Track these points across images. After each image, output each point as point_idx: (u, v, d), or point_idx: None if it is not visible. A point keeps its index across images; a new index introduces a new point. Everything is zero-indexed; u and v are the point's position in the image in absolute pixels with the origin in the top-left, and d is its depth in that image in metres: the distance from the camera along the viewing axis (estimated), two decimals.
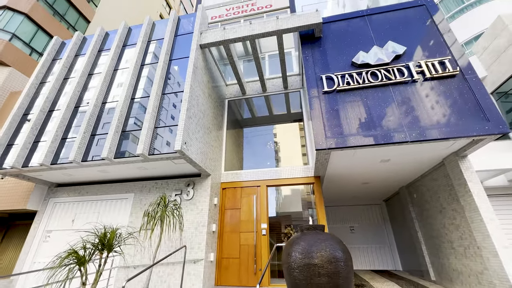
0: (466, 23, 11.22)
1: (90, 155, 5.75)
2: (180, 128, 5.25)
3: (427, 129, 4.76)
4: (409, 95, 5.19)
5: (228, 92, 9.10)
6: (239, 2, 13.50)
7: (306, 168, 7.08)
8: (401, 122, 4.93)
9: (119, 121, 5.80)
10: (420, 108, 5.00)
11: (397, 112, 5.06)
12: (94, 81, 6.95)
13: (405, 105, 5.09)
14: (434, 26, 5.88)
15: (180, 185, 6.60)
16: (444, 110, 4.87)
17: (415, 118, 4.92)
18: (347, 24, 6.56)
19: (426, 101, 5.06)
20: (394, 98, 5.22)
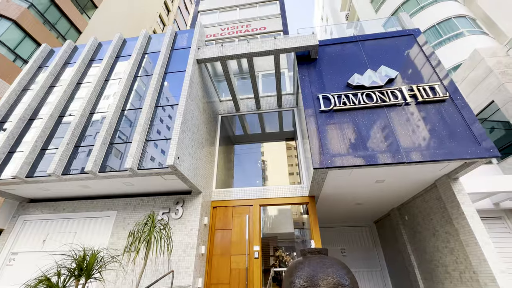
0: (445, 54, 12.11)
1: (71, 168, 5.31)
2: (174, 142, 5.01)
3: (423, 151, 4.82)
4: (403, 117, 5.32)
5: (221, 108, 9.02)
6: (234, 23, 13.93)
7: (300, 188, 6.93)
8: (397, 143, 4.99)
9: (108, 132, 5.47)
10: (415, 130, 5.10)
11: (393, 133, 5.13)
12: (82, 91, 6.64)
13: (400, 127, 5.19)
14: (422, 54, 6.23)
15: (168, 203, 6.19)
16: (438, 133, 5.00)
17: (410, 140, 5.00)
18: (342, 47, 6.82)
19: (419, 123, 5.19)
20: (389, 120, 5.32)
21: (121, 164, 5.21)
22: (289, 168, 8.77)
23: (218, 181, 7.57)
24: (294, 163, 8.91)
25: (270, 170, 9.15)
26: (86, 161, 5.25)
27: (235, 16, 14.46)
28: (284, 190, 6.95)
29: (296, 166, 8.88)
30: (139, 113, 5.85)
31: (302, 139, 7.39)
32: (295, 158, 9.03)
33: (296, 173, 8.79)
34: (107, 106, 6.09)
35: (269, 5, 14.55)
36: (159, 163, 5.10)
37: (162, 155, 5.23)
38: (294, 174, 8.78)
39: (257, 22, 13.54)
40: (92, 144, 5.44)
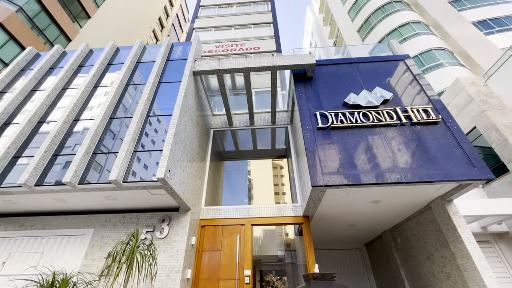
0: (429, 81, 12.86)
1: (47, 178, 4.77)
2: (165, 153, 4.69)
3: (420, 172, 4.80)
4: (400, 137, 5.36)
5: (214, 122, 8.81)
6: (229, 41, 14.21)
7: (294, 207, 6.67)
8: (395, 163, 4.96)
9: (92, 141, 5.05)
10: (411, 151, 5.12)
11: (391, 152, 5.11)
12: (68, 97, 6.23)
13: (397, 147, 5.20)
14: (413, 78, 6.48)
15: (153, 220, 5.69)
16: (434, 154, 5.03)
17: (407, 160, 4.98)
18: (337, 68, 6.98)
19: (415, 144, 5.23)
20: (386, 139, 5.33)
21: (101, 176, 4.76)
22: (276, 188, 8.53)
23: (208, 198, 7.15)
24: (280, 182, 8.70)
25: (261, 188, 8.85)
26: (65, 172, 4.75)
27: (230, 35, 14.80)
28: (277, 209, 6.65)
29: (283, 186, 8.68)
30: (128, 122, 5.51)
31: (297, 157, 7.26)
32: (281, 178, 8.86)
33: (283, 192, 8.56)
34: (94, 114, 5.70)
35: (263, 27, 15.07)
36: (148, 176, 4.71)
37: (151, 167, 4.86)
38: (280, 194, 8.54)
39: (252, 42, 13.89)
40: (73, 153, 4.97)
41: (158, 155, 4.93)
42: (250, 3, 16.93)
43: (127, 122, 5.52)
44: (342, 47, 12.44)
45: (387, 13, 16.83)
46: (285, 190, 8.69)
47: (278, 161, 9.55)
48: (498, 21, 14.67)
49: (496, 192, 8.35)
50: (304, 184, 5.73)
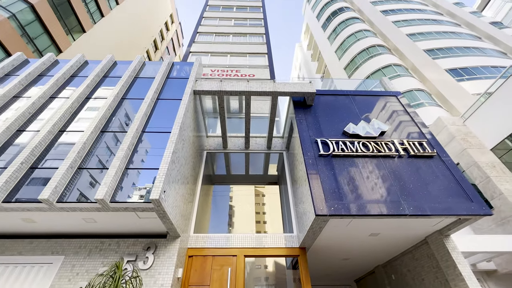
0: None
1: (18, 194, 4.16)
2: (162, 172, 4.32)
3: (422, 204, 4.77)
4: (399, 169, 5.40)
5: (208, 144, 8.54)
6: (224, 67, 14.54)
7: (289, 238, 6.30)
8: (397, 194, 4.91)
9: (79, 154, 4.58)
10: (412, 183, 5.14)
11: (392, 184, 5.09)
12: (55, 106, 5.78)
13: (398, 178, 5.21)
14: (406, 113, 6.80)
15: (136, 248, 5.05)
16: (433, 188, 5.08)
17: (409, 192, 4.97)
18: (335, 99, 7.21)
19: (415, 176, 5.28)
20: (386, 170, 5.35)
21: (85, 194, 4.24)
22: (258, 216, 8.11)
23: (197, 225, 6.61)
24: (261, 211, 8.33)
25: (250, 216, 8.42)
26: (42, 187, 4.18)
27: (225, 61, 15.20)
28: (272, 239, 6.24)
29: (264, 214, 8.33)
30: (121, 137, 5.13)
31: (293, 184, 7.07)
32: (263, 206, 8.53)
33: (264, 221, 8.17)
34: (84, 126, 5.27)
35: (258, 57, 15.71)
36: (140, 196, 4.26)
37: (143, 187, 4.43)
38: (261, 222, 8.13)
39: (247, 69, 14.30)
40: (55, 167, 4.44)
41: (151, 174, 4.54)
42: (246, 34, 17.81)
43: (120, 137, 5.14)
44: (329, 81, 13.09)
45: (371, 55, 18.37)
46: (266, 219, 8.32)
47: (261, 188, 9.26)
48: (466, 70, 16.45)
49: (482, 229, 8.53)
50: (304, 213, 5.47)
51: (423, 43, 19.15)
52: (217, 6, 21.36)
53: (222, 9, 20.99)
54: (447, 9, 25.74)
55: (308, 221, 5.11)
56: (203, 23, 18.82)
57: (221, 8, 21.13)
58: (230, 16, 19.81)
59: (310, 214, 4.90)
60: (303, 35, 36.25)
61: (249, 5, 21.87)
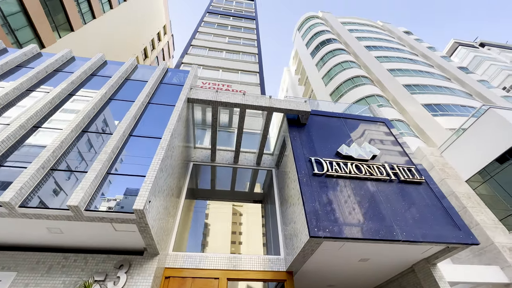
0: None
1: None
2: (149, 180, 3.93)
3: (414, 230, 4.73)
4: (391, 193, 5.41)
5: (194, 155, 8.16)
6: (216, 80, 14.52)
7: (275, 260, 5.94)
8: (391, 219, 4.86)
9: (54, 154, 4.07)
10: (403, 208, 5.14)
11: (385, 208, 5.05)
12: (32, 99, 5.24)
13: (390, 203, 5.19)
14: (395, 140, 7.02)
15: (106, 266, 4.43)
16: (423, 215, 5.10)
17: (402, 217, 4.94)
18: (328, 120, 7.30)
19: (406, 202, 5.30)
20: (379, 194, 5.33)
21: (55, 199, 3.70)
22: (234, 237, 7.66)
23: (176, 242, 6.05)
24: (238, 231, 7.92)
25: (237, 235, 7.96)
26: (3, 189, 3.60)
27: (217, 76, 15.23)
28: (257, 261, 5.84)
29: (240, 234, 7.93)
30: (106, 139, 4.69)
31: (282, 204, 6.83)
32: (239, 225, 8.14)
33: (239, 242, 7.73)
34: (64, 124, 4.78)
35: (249, 75, 15.95)
36: (119, 205, 3.80)
37: (122, 195, 3.98)
38: (236, 243, 7.70)
39: (238, 85, 14.38)
40: (24, 166, 3.88)
41: (136, 182, 4.11)
42: (239, 52, 18.17)
43: (104, 139, 4.70)
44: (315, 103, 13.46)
45: (356, 84, 19.43)
46: (244, 240, 7.90)
47: (238, 207, 8.91)
48: (440, 107, 17.84)
49: (460, 258, 8.71)
50: (295, 234, 5.21)
51: (402, 79, 20.70)
52: (212, 23, 21.84)
53: (217, 27, 21.47)
54: (421, 51, 28.43)
55: (299, 242, 4.84)
56: (197, 37, 19.01)
57: (216, 25, 21.61)
58: (225, 34, 20.26)
59: (303, 235, 4.66)
60: (292, 60, 37.91)
61: (244, 26, 22.61)
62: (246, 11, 26.94)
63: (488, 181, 9.34)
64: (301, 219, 4.90)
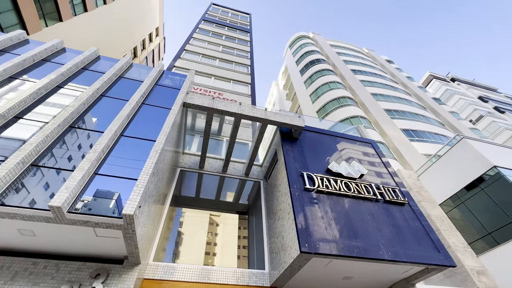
0: None
1: None
2: (141, 184, 3.73)
3: (398, 250, 4.88)
4: (377, 212, 5.58)
5: (182, 161, 7.93)
6: (207, 87, 14.46)
7: (259, 275, 5.81)
8: (377, 238, 4.98)
9: (36, 148, 3.76)
10: (389, 228, 5.30)
11: (372, 227, 5.18)
12: (14, 88, 4.87)
13: (377, 222, 5.34)
14: (381, 161, 7.33)
15: (80, 275, 4.07)
16: (407, 235, 5.29)
17: (387, 237, 5.08)
18: (319, 136, 7.49)
19: (391, 221, 5.48)
20: (366, 212, 5.47)
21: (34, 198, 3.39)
22: (208, 248, 7.38)
23: (157, 252, 5.73)
24: (213, 241, 7.64)
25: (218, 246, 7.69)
26: None
27: (209, 83, 15.18)
28: (242, 275, 5.67)
29: (215, 245, 7.72)
30: (95, 137, 4.43)
31: (268, 216, 6.78)
32: (215, 236, 7.89)
33: (213, 253, 7.49)
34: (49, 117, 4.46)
35: (241, 85, 16.09)
36: (104, 209, 3.55)
37: (109, 198, 3.74)
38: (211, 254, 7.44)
39: (229, 94, 14.41)
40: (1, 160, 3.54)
41: (126, 184, 3.89)
42: (232, 62, 18.36)
43: (93, 137, 4.44)
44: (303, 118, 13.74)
45: (342, 104, 20.28)
46: (227, 252, 7.67)
47: (215, 217, 8.72)
48: (416, 133, 19.04)
49: (432, 279, 9.06)
50: (283, 249, 5.15)
51: (383, 103, 21.96)
52: (207, 31, 22.00)
53: (212, 35, 21.64)
54: (401, 80, 30.52)
55: (288, 257, 4.79)
56: (191, 42, 18.99)
57: (211, 34, 21.79)
58: (219, 43, 20.44)
59: (293, 250, 4.62)
60: (281, 75, 38.92)
61: (238, 37, 23.00)
62: (241, 23, 27.52)
63: (458, 206, 9.97)
64: (290, 234, 4.88)
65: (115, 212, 3.51)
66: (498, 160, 9.42)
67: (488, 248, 8.61)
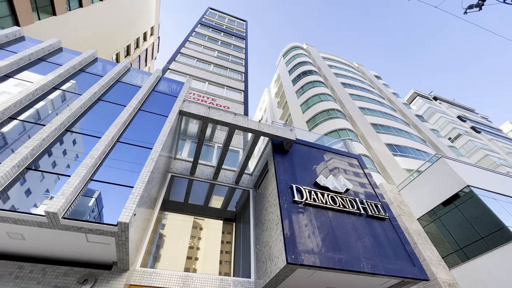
0: None
1: None
2: (137, 192, 3.82)
3: (378, 263, 5.19)
4: (360, 226, 5.89)
5: (173, 166, 7.98)
6: (201, 92, 14.56)
7: (246, 283, 5.95)
8: (358, 251, 5.27)
9: (32, 152, 3.77)
10: (370, 242, 5.61)
11: (355, 240, 5.47)
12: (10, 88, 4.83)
13: (359, 236, 5.65)
14: (365, 176, 7.72)
15: (67, 280, 4.06)
16: (386, 249, 5.62)
17: (368, 251, 5.38)
18: (308, 150, 7.79)
19: (372, 236, 5.80)
20: (349, 226, 5.77)
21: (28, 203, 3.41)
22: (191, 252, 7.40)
23: (144, 257, 5.74)
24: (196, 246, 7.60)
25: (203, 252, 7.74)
26: None
27: (203, 87, 15.28)
28: (227, 282, 5.78)
29: (198, 250, 7.76)
30: (91, 142, 4.47)
31: (256, 226, 6.94)
32: (198, 240, 7.92)
33: (195, 258, 7.53)
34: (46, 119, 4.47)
35: (235, 92, 16.30)
36: (99, 215, 3.61)
37: (101, 205, 3.80)
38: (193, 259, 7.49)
39: (223, 101, 14.58)
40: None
41: (120, 191, 3.96)
42: (227, 68, 18.57)
43: (89, 141, 4.48)
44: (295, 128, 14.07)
45: (331, 116, 20.92)
46: (199, 255, 7.71)
47: (199, 220, 8.79)
48: (399, 148, 19.94)
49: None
50: (270, 258, 5.33)
51: (370, 117, 22.85)
52: (203, 35, 22.15)
53: (208, 39, 21.81)
54: (387, 96, 31.88)
55: (274, 267, 4.97)
56: (187, 45, 19.06)
57: (207, 38, 21.95)
58: (214, 48, 20.63)
59: (279, 261, 4.81)
60: (273, 83, 39.53)
61: (234, 44, 23.29)
62: (238, 29, 27.89)
63: (435, 221, 10.56)
64: (278, 245, 5.07)
65: (109, 219, 3.57)
66: (472, 180, 10.12)
67: (460, 262, 9.17)
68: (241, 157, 8.11)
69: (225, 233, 8.60)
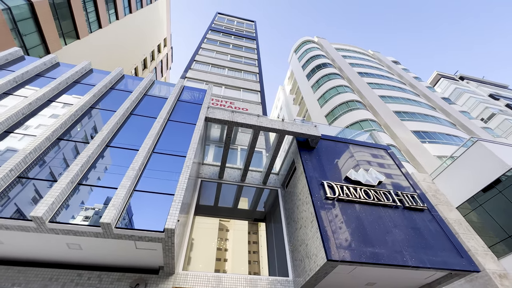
0: None
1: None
2: (178, 199, 4.01)
3: (421, 256, 4.99)
4: (397, 219, 5.71)
5: (202, 172, 8.22)
6: (218, 97, 14.83)
7: (285, 282, 5.97)
8: (400, 244, 5.11)
9: (81, 168, 4.09)
10: (410, 234, 5.42)
11: (393, 233, 5.31)
12: (53, 111, 5.26)
13: (397, 228, 5.47)
14: (397, 167, 7.44)
15: (121, 284, 4.35)
16: (428, 241, 5.39)
17: (409, 243, 5.20)
18: (335, 144, 7.67)
19: (412, 228, 5.59)
20: (387, 219, 5.61)
21: (79, 214, 3.69)
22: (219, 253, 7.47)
23: (185, 261, 5.97)
24: (224, 247, 7.69)
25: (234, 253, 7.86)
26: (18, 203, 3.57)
27: (220, 92, 15.56)
28: (267, 282, 5.85)
29: (226, 251, 7.81)
30: (128, 154, 4.74)
31: (289, 224, 6.95)
32: (225, 241, 7.97)
33: (224, 259, 7.58)
34: (88, 137, 4.81)
35: (251, 93, 16.41)
36: (143, 223, 3.83)
37: (146, 213, 4.01)
38: (222, 260, 7.55)
39: (240, 103, 14.74)
40: (51, 180, 3.87)
41: (161, 200, 4.17)
42: (241, 71, 18.75)
43: (128, 154, 4.75)
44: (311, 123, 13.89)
45: (350, 108, 20.37)
46: (227, 257, 7.77)
47: (225, 222, 8.87)
48: (427, 134, 18.94)
49: (452, 284, 9.01)
50: (308, 256, 5.33)
51: (392, 105, 21.93)
52: (215, 40, 22.53)
53: (220, 44, 22.15)
54: (408, 81, 30.38)
55: (314, 265, 4.96)
56: (200, 52, 19.50)
57: (219, 43, 22.30)
58: (227, 52, 20.91)
59: (318, 258, 4.80)
60: (287, 80, 39.22)
61: (245, 45, 23.46)
62: (247, 31, 28.05)
63: (476, 209, 9.92)
64: (315, 242, 5.06)
65: (155, 226, 3.77)
66: None
67: (509, 251, 8.54)
68: (267, 158, 8.17)
69: (251, 234, 8.70)
